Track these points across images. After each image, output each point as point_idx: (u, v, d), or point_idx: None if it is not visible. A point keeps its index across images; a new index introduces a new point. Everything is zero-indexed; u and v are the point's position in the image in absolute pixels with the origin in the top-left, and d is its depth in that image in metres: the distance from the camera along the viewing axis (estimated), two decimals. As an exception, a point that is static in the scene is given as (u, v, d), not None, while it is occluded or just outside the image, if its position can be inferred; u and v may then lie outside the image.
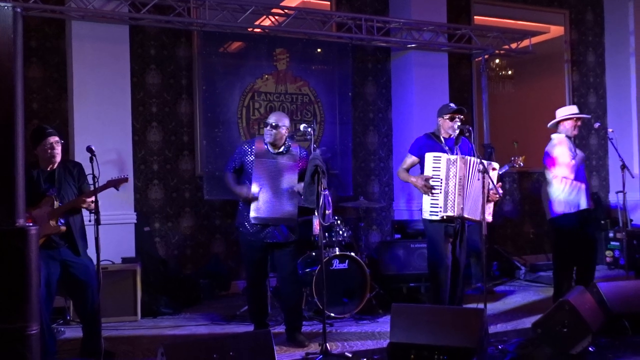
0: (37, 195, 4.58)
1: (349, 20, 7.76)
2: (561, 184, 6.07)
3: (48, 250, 4.57)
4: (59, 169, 4.74)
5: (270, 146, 5.19)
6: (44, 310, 4.56)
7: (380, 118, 8.57)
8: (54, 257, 4.63)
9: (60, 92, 6.88)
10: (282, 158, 5.18)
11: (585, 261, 6.18)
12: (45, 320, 4.55)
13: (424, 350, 4.34)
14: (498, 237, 8.93)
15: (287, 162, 5.18)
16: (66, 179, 4.75)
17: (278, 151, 5.19)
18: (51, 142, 4.66)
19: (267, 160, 5.15)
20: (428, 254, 5.58)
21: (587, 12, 10.10)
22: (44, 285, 4.50)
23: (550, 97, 9.58)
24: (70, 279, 4.74)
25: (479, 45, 8.53)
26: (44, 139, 4.64)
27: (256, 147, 5.20)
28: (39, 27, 6.82)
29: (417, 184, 5.41)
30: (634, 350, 4.90)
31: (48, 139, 4.65)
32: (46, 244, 4.55)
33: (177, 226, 7.40)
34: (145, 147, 7.25)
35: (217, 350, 3.84)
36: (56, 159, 4.69)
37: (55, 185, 4.68)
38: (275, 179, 5.13)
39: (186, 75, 7.47)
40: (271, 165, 5.14)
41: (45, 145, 4.64)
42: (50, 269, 4.60)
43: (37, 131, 4.76)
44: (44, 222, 4.50)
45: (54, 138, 4.68)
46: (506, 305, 6.65)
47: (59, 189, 4.68)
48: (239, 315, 6.06)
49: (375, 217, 8.45)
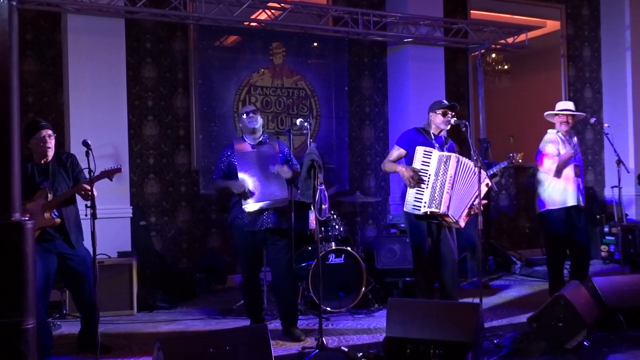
0: (31, 188, 4.57)
1: (346, 14, 7.75)
2: (547, 180, 6.16)
3: (44, 243, 4.57)
4: (53, 162, 4.73)
5: (250, 139, 5.29)
6: (40, 304, 4.56)
7: (377, 112, 8.57)
8: (50, 250, 4.63)
9: (56, 86, 6.85)
10: (262, 147, 5.29)
11: (577, 257, 6.25)
12: (41, 314, 4.55)
13: (420, 344, 4.35)
14: (494, 232, 8.95)
15: (268, 150, 5.29)
16: (59, 172, 4.75)
17: (258, 142, 5.29)
18: (44, 135, 4.66)
19: (249, 152, 5.25)
20: (411, 247, 5.54)
21: (583, 7, 10.10)
22: (41, 279, 4.50)
23: (546, 91, 9.59)
24: (67, 270, 4.74)
25: (475, 39, 8.52)
26: (37, 132, 4.64)
27: (236, 145, 5.32)
28: (34, 20, 6.78)
29: (404, 174, 5.35)
30: (629, 344, 4.93)
31: (41, 132, 4.65)
32: (41, 237, 4.54)
33: (173, 220, 7.39)
34: (141, 141, 7.24)
35: (214, 344, 3.84)
36: (50, 152, 4.70)
37: (49, 178, 4.67)
38: (261, 167, 5.21)
39: (182, 69, 7.45)
40: (254, 155, 5.24)
41: (38, 139, 4.64)
42: (47, 262, 4.60)
43: (30, 125, 4.75)
44: (38, 215, 4.50)
45: (47, 131, 4.68)
46: (502, 299, 6.67)
47: (53, 182, 4.68)
48: (235, 309, 6.06)
49: (372, 211, 8.46)
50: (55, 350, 4.77)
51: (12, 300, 3.05)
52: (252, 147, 5.28)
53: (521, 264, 8.25)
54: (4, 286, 3.04)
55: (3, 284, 3.03)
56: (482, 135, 8.72)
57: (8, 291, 3.04)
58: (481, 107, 8.83)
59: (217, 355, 3.81)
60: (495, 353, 4.71)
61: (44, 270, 4.57)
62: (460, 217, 5.29)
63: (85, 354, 4.77)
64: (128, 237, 6.69)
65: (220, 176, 5.33)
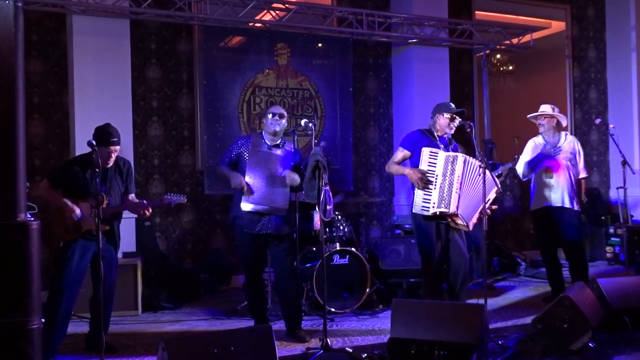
0: (88, 190, 4.64)
1: (350, 15, 7.75)
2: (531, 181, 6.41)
3: (85, 241, 4.68)
4: (112, 167, 4.81)
5: (269, 139, 5.23)
6: (71, 300, 4.69)
7: (381, 113, 8.56)
8: (89, 248, 4.71)
9: (61, 86, 6.87)
10: (276, 150, 5.24)
11: (571, 259, 6.36)
12: (67, 310, 4.67)
13: (424, 345, 4.34)
14: (498, 233, 8.94)
15: (282, 155, 5.24)
16: (115, 178, 4.85)
17: (275, 144, 5.24)
18: (111, 150, 4.71)
19: (262, 150, 5.20)
20: (419, 249, 5.55)
21: (589, 8, 10.08)
22: (77, 273, 4.65)
23: (551, 92, 9.56)
24: (93, 270, 4.80)
25: (480, 40, 8.51)
26: (107, 146, 4.68)
27: (252, 139, 5.27)
28: (39, 21, 6.80)
29: (412, 177, 5.33)
30: (634, 346, 4.91)
31: (111, 147, 4.70)
32: (85, 235, 4.66)
33: (177, 221, 7.40)
34: (145, 141, 7.25)
35: (218, 344, 3.84)
36: (110, 163, 4.77)
37: (106, 183, 4.74)
38: (269, 169, 5.16)
39: (187, 70, 7.46)
40: (266, 156, 5.19)
41: (106, 151, 4.68)
42: (84, 259, 4.70)
43: (104, 134, 4.72)
44: (88, 216, 4.60)
45: (115, 147, 4.73)
46: (506, 300, 6.65)
47: (109, 187, 4.76)
48: (240, 310, 6.06)
49: (376, 212, 8.45)
50: (60, 350, 4.77)
51: (17, 300, 3.05)
52: (267, 148, 5.23)
53: (526, 265, 8.22)
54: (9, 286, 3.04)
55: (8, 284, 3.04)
56: (486, 136, 8.71)
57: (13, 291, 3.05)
58: (486, 108, 8.82)
59: (221, 356, 3.81)
60: (500, 354, 4.70)
61: (80, 266, 4.69)
62: (470, 220, 5.29)
63: (90, 354, 4.78)
64: (133, 238, 6.69)
65: (226, 163, 5.27)
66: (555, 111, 6.45)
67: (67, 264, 4.64)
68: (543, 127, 6.40)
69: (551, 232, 6.29)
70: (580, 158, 6.39)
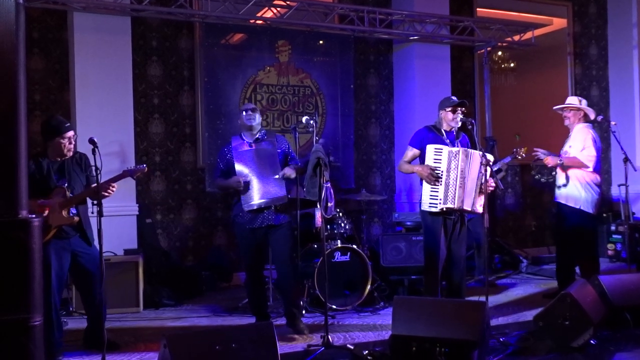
0: (48, 185, 4.61)
1: (351, 12, 7.73)
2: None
3: (59, 240, 4.61)
4: (68, 160, 4.76)
5: (248, 136, 5.31)
6: (56, 302, 4.63)
7: (382, 110, 8.56)
8: (65, 248, 4.66)
9: (62, 84, 6.87)
10: (260, 144, 5.30)
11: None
12: (55, 312, 4.61)
13: (426, 342, 4.34)
14: (500, 230, 8.94)
15: (266, 147, 5.30)
16: (74, 170, 4.78)
17: (255, 139, 5.30)
18: (69, 136, 4.69)
19: (247, 150, 5.26)
20: (424, 246, 5.58)
21: (590, 5, 10.05)
22: (56, 276, 4.56)
23: (552, 89, 9.54)
24: (78, 268, 4.77)
25: (481, 37, 8.50)
26: (64, 132, 4.65)
27: (233, 144, 5.33)
28: (41, 18, 6.80)
29: (422, 173, 5.36)
30: (636, 343, 4.92)
31: (67, 133, 4.67)
32: (57, 234, 4.58)
33: (179, 218, 7.41)
34: (147, 138, 7.25)
35: (220, 341, 3.85)
36: (70, 153, 4.73)
37: (65, 176, 4.70)
38: (258, 164, 5.22)
39: (188, 67, 7.46)
40: (252, 154, 5.25)
41: (63, 139, 4.65)
42: (61, 259, 4.64)
43: (56, 124, 4.72)
44: (55, 212, 4.54)
45: (71, 133, 4.71)
46: (508, 297, 6.65)
47: (69, 180, 4.71)
48: (241, 307, 6.06)
49: (377, 209, 8.45)
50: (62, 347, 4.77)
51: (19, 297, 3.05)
52: (249, 145, 5.29)
53: (527, 263, 8.22)
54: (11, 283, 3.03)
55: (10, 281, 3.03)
56: (488, 134, 8.70)
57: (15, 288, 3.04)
58: (487, 105, 8.81)
59: (223, 353, 3.82)
60: (501, 351, 4.71)
61: (59, 268, 4.62)
62: (474, 205, 5.31)
63: (91, 350, 4.78)
64: (134, 235, 6.71)
65: (218, 175, 5.37)
66: (583, 104, 6.33)
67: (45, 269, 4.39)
68: (568, 120, 6.30)
69: (557, 229, 6.35)
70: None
